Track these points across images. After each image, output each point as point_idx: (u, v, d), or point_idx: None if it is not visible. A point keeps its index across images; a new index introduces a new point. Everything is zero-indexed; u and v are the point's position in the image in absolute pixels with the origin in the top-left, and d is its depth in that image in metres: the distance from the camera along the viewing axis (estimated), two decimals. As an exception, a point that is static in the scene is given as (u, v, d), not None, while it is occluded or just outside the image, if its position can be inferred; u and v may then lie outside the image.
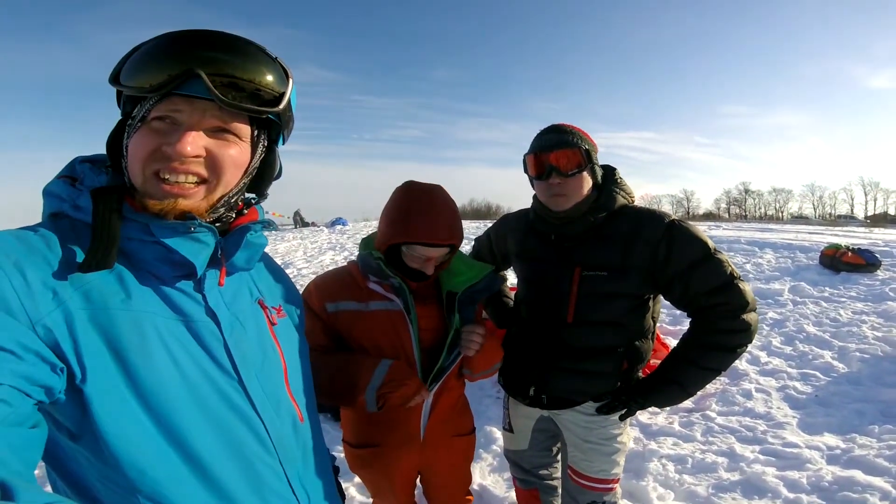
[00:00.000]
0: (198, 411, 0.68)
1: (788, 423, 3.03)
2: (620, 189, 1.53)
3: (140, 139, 0.68)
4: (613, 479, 1.59)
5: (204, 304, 0.74)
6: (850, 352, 3.92)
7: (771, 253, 7.34)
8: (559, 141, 1.44)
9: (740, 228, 11.86)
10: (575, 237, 1.51)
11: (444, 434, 1.48)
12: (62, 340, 0.58)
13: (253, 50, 0.73)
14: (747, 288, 1.39)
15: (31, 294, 0.57)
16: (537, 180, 1.50)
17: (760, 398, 3.36)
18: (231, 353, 0.74)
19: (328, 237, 13.06)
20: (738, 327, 1.37)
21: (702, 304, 1.41)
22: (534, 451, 1.76)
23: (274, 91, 0.74)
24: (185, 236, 0.69)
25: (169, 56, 0.67)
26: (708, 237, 1.44)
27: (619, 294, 1.47)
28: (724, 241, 8.31)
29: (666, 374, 1.48)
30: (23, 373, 0.53)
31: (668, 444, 2.89)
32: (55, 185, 0.70)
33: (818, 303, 5.15)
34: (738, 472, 2.55)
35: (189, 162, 0.68)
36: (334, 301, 1.36)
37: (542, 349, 1.56)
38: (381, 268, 1.33)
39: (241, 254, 0.78)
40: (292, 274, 8.37)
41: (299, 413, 0.87)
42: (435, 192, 1.36)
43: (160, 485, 0.64)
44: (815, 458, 2.61)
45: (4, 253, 0.58)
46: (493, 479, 2.65)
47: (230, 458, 0.71)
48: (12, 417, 0.51)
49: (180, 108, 0.68)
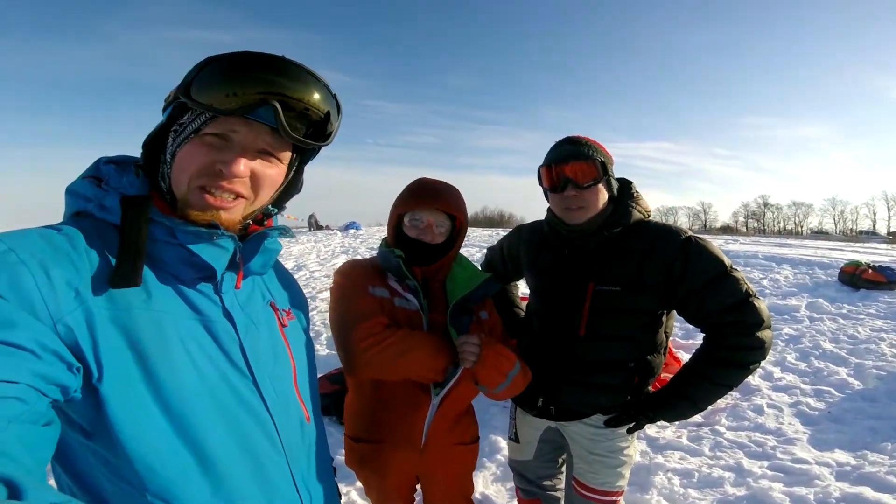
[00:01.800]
0: (213, 410, 0.69)
1: (799, 438, 2.98)
2: (636, 204, 1.52)
3: (193, 151, 0.71)
4: (618, 491, 1.57)
5: (221, 305, 0.76)
6: (866, 369, 3.84)
7: (789, 269, 7.22)
8: (575, 153, 1.43)
9: (758, 243, 11.67)
10: (589, 251, 1.50)
11: (446, 441, 1.47)
12: (82, 339, 0.59)
13: (320, 85, 0.75)
14: (762, 305, 1.37)
15: (54, 293, 0.58)
16: (552, 193, 1.49)
17: (772, 414, 3.30)
18: (246, 354, 0.76)
19: (341, 241, 13.17)
20: (751, 344, 1.35)
21: (716, 322, 1.40)
22: (539, 462, 1.75)
23: (330, 126, 0.79)
24: (207, 242, 0.71)
25: (246, 81, 0.69)
26: (724, 254, 1.43)
27: (632, 309, 1.46)
28: (742, 256, 8.21)
29: (677, 388, 1.47)
30: (40, 372, 0.54)
31: (675, 458, 2.85)
32: (80, 185, 0.71)
33: (836, 319, 5.05)
34: (744, 488, 2.51)
35: (236, 182, 0.72)
36: (374, 286, 1.40)
37: (553, 361, 1.55)
38: (401, 266, 1.36)
39: (258, 259, 0.81)
40: (305, 276, 8.46)
41: (306, 413, 0.88)
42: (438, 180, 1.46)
43: (170, 482, 0.65)
44: (823, 475, 2.57)
45: (30, 252, 0.59)
46: (496, 489, 2.64)
47: (241, 457, 0.72)
48: (27, 415, 0.52)
49: (237, 129, 0.71)
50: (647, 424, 1.56)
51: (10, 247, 0.58)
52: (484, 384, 1.37)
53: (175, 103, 0.72)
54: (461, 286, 1.44)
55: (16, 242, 0.59)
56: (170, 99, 0.73)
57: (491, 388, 1.37)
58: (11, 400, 0.50)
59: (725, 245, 10.02)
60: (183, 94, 0.69)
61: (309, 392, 0.92)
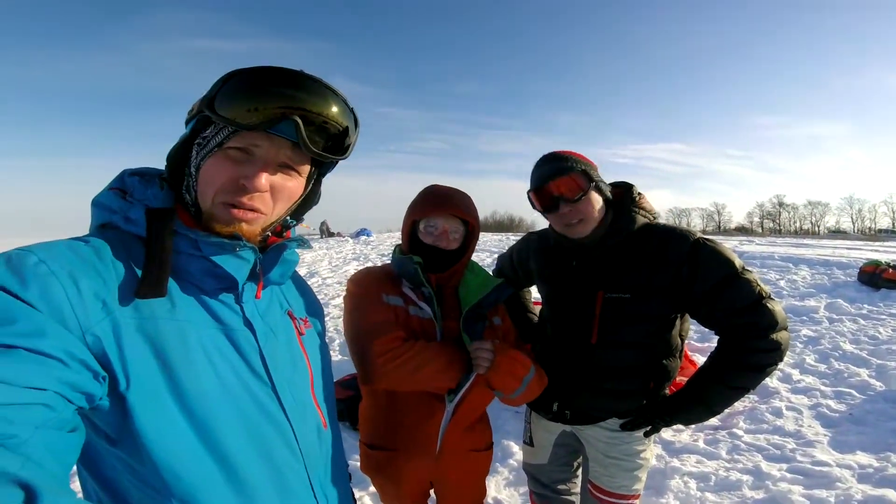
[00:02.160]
0: (234, 417, 0.71)
1: (819, 441, 2.91)
2: (640, 208, 1.51)
3: (217, 165, 0.73)
4: (634, 495, 1.56)
5: (241, 314, 0.77)
6: (888, 370, 3.73)
7: (806, 269, 7.07)
8: (555, 170, 1.42)
9: (774, 244, 11.46)
10: (596, 261, 1.50)
11: (460, 448, 1.47)
12: (109, 349, 0.61)
13: (338, 99, 0.77)
14: (777, 307, 1.35)
15: (83, 303, 0.60)
16: (547, 214, 1.50)
17: (791, 416, 3.24)
18: (266, 362, 0.78)
19: (353, 248, 13.23)
20: (766, 346, 1.33)
21: (729, 325, 1.38)
22: (554, 466, 1.75)
23: (348, 139, 0.81)
24: (230, 253, 0.73)
25: (268, 96, 0.71)
26: (735, 255, 1.41)
27: (643, 315, 1.45)
28: (757, 257, 8.06)
29: (692, 392, 1.45)
30: (67, 380, 0.55)
31: (692, 462, 2.81)
32: (105, 197, 0.73)
33: (856, 320, 4.93)
34: (763, 491, 2.47)
35: (255, 198, 0.74)
36: (388, 294, 1.41)
37: (568, 367, 1.55)
38: (418, 272, 1.37)
39: (277, 269, 0.83)
40: (317, 283, 8.52)
41: (323, 420, 0.90)
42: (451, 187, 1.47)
43: (195, 488, 0.66)
44: (845, 477, 2.51)
45: (60, 263, 0.60)
46: (509, 494, 2.63)
47: (261, 463, 0.74)
48: (54, 421, 0.53)
49: (259, 144, 0.73)
50: (664, 428, 1.54)
51: (42, 258, 0.60)
52: (499, 389, 1.37)
53: (198, 116, 0.74)
54: (474, 292, 1.45)
55: (46, 254, 0.61)
56: (193, 112, 0.75)
57: (506, 393, 1.37)
58: (39, 406, 0.52)
59: (740, 246, 9.86)
60: (207, 107, 0.70)
61: (325, 399, 0.94)
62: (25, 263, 0.58)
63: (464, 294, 1.46)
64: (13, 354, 0.52)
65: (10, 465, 0.45)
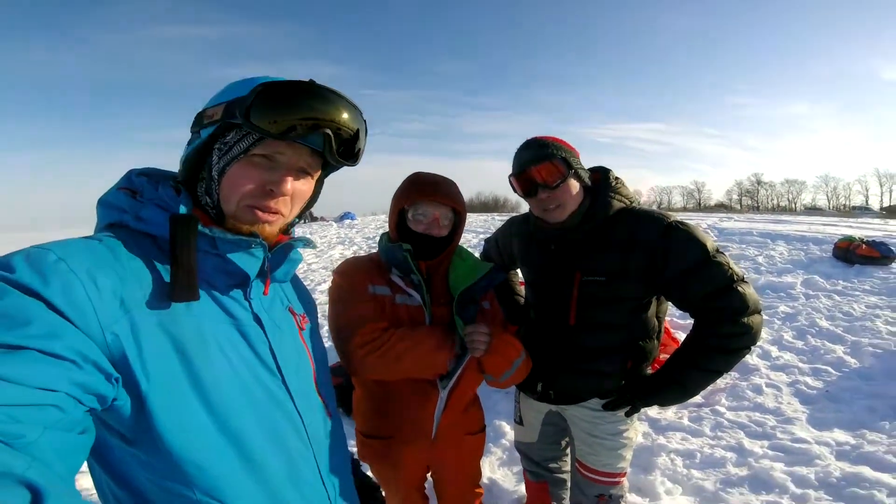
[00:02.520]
0: (249, 408, 0.74)
1: (798, 418, 3.02)
2: (616, 193, 1.53)
3: (243, 172, 0.76)
4: (620, 472, 1.61)
5: (250, 310, 0.80)
6: (862, 346, 3.87)
7: (784, 245, 7.24)
8: (536, 156, 1.44)
9: (753, 220, 11.69)
10: (573, 244, 1.53)
11: (455, 432, 1.50)
12: (128, 347, 0.62)
13: (358, 114, 0.83)
14: (749, 290, 1.37)
15: (102, 302, 0.60)
16: (527, 198, 1.52)
17: (770, 393, 3.35)
18: (275, 355, 0.81)
19: (337, 231, 13.11)
20: (738, 331, 1.35)
21: (701, 307, 1.41)
22: (543, 444, 1.80)
23: (359, 146, 0.86)
24: (244, 251, 0.76)
25: (303, 110, 0.75)
26: (710, 238, 1.43)
27: (618, 298, 1.48)
28: (737, 234, 8.22)
29: (668, 374, 1.49)
30: (79, 381, 0.55)
31: (677, 439, 2.91)
32: (114, 197, 0.74)
33: (831, 296, 5.09)
34: (745, 468, 2.56)
35: (279, 201, 0.79)
36: (374, 284, 1.41)
37: (549, 349, 1.59)
38: (408, 259, 1.36)
39: (283, 268, 0.87)
40: (302, 268, 8.44)
41: (327, 410, 0.94)
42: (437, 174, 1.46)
43: (217, 479, 0.68)
44: (823, 454, 2.61)
45: (78, 261, 0.61)
46: (503, 473, 2.69)
47: (275, 452, 0.76)
48: (63, 423, 0.54)
49: (283, 151, 0.77)
50: (644, 408, 1.59)
51: (60, 256, 0.60)
52: (490, 373, 1.40)
53: (222, 122, 0.75)
54: (463, 276, 1.45)
55: (64, 252, 0.61)
56: (215, 117, 0.76)
57: (497, 376, 1.40)
58: (49, 407, 0.52)
59: (720, 223, 10.03)
60: (242, 116, 0.72)
61: (326, 390, 0.97)
62: (45, 261, 0.58)
63: (453, 279, 1.46)
64: (25, 355, 0.52)
65: (16, 465, 0.45)
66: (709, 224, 9.65)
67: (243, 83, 0.76)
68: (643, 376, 1.57)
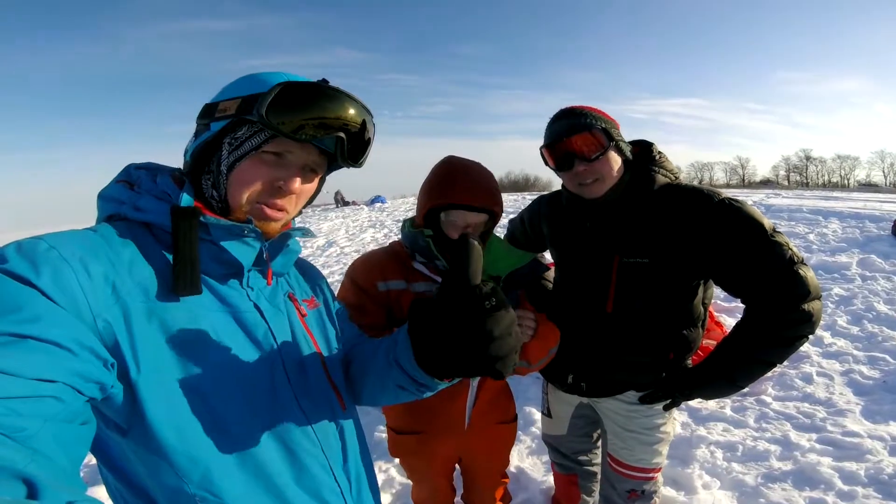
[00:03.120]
0: (244, 399, 0.72)
1: (851, 410, 2.83)
2: (661, 167, 1.41)
3: (254, 169, 0.76)
4: (655, 468, 1.54)
5: (248, 298, 0.79)
6: (926, 333, 3.59)
7: (837, 222, 6.80)
8: (574, 125, 1.32)
9: (802, 196, 11.04)
10: (612, 223, 1.41)
11: (488, 421, 1.48)
12: (120, 334, 0.61)
13: (370, 118, 0.84)
14: (810, 274, 1.25)
15: (94, 289, 0.60)
16: (560, 172, 1.40)
17: (822, 383, 3.16)
18: (276, 344, 0.79)
19: (368, 215, 13.26)
20: (797, 318, 1.23)
21: (756, 292, 1.29)
22: (573, 437, 1.73)
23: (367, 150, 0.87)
24: (237, 239, 0.76)
25: (320, 112, 0.76)
26: (765, 217, 1.30)
27: (663, 282, 1.37)
28: (785, 210, 7.80)
29: (715, 365, 1.37)
30: (77, 370, 0.55)
31: (718, 430, 2.78)
32: (113, 189, 0.75)
33: (890, 278, 4.74)
34: (790, 462, 2.42)
35: (286, 199, 0.79)
36: (385, 280, 1.37)
37: (582, 338, 1.49)
38: (430, 247, 1.32)
39: (280, 259, 0.86)
40: (336, 252, 8.58)
41: (340, 400, 0.90)
42: (473, 163, 1.37)
43: (211, 472, 0.66)
44: (876, 449, 2.44)
45: (70, 250, 0.61)
46: (531, 462, 2.65)
47: (275, 446, 0.74)
48: (64, 414, 0.53)
49: (293, 150, 0.78)
50: (684, 402, 1.49)
51: (52, 245, 0.60)
52: (527, 359, 1.34)
53: (235, 118, 0.75)
54: (504, 259, 1.39)
55: (56, 241, 0.61)
56: (228, 111, 0.75)
57: (533, 362, 1.35)
58: (49, 399, 0.51)
59: (766, 200, 9.52)
60: (260, 112, 0.72)
61: (342, 378, 0.94)
62: (37, 250, 0.59)
63: (490, 260, 1.39)
64: (22, 344, 0.51)
65: (17, 459, 0.45)
66: (755, 200, 9.19)
67: (255, 79, 0.76)
68: (685, 368, 1.46)
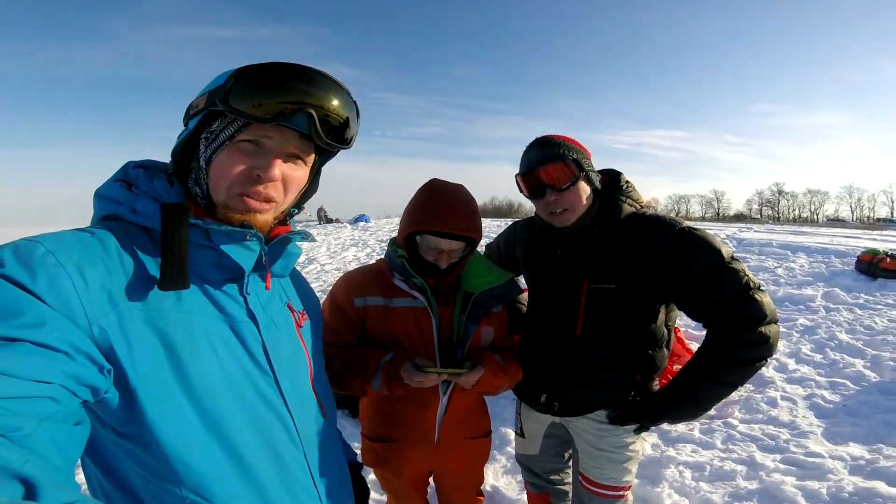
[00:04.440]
0: (238, 406, 0.73)
1: (813, 432, 2.94)
2: (627, 196, 1.48)
3: (230, 158, 0.74)
4: (624, 486, 1.56)
5: (245, 306, 0.79)
6: (883, 361, 3.76)
7: (804, 257, 7.07)
8: (547, 156, 1.38)
9: (773, 231, 11.44)
10: (581, 250, 1.47)
11: (458, 435, 1.49)
12: (116, 341, 0.61)
13: (344, 93, 0.79)
14: (766, 299, 1.32)
15: (90, 296, 0.60)
16: (533, 199, 1.47)
17: (786, 406, 3.27)
18: (268, 353, 0.79)
19: (351, 234, 13.20)
20: (755, 340, 1.29)
21: (716, 316, 1.35)
22: (545, 457, 1.75)
23: (349, 130, 0.83)
24: (238, 243, 0.75)
25: (283, 91, 0.72)
26: (723, 244, 1.38)
27: (628, 306, 1.43)
28: (756, 245, 8.06)
29: (679, 388, 1.43)
30: (72, 373, 0.55)
31: (687, 451, 2.84)
32: (110, 189, 0.73)
33: (852, 310, 4.96)
34: (756, 481, 2.49)
35: (270, 187, 0.76)
36: (363, 296, 1.40)
37: (553, 359, 1.54)
38: (405, 266, 1.36)
39: (280, 262, 0.85)
40: (316, 269, 8.52)
41: (322, 409, 0.92)
42: (454, 188, 1.40)
43: (204, 477, 0.68)
44: (837, 469, 2.53)
45: (67, 255, 0.60)
46: (506, 481, 2.66)
47: (264, 451, 0.76)
48: (59, 414, 0.54)
49: (270, 135, 0.75)
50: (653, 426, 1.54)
51: (49, 249, 0.59)
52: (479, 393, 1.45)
53: (206, 111, 0.74)
54: (482, 276, 1.44)
55: (53, 245, 0.61)
56: (200, 107, 0.75)
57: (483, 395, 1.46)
58: (45, 399, 0.52)
59: (739, 233, 9.84)
60: (221, 101, 0.71)
61: (322, 388, 0.96)
62: (33, 254, 0.58)
63: (467, 275, 1.45)
64: (19, 347, 0.52)
65: (13, 458, 0.45)
66: (728, 234, 9.49)
67: (226, 72, 0.74)
68: (652, 392, 1.51)
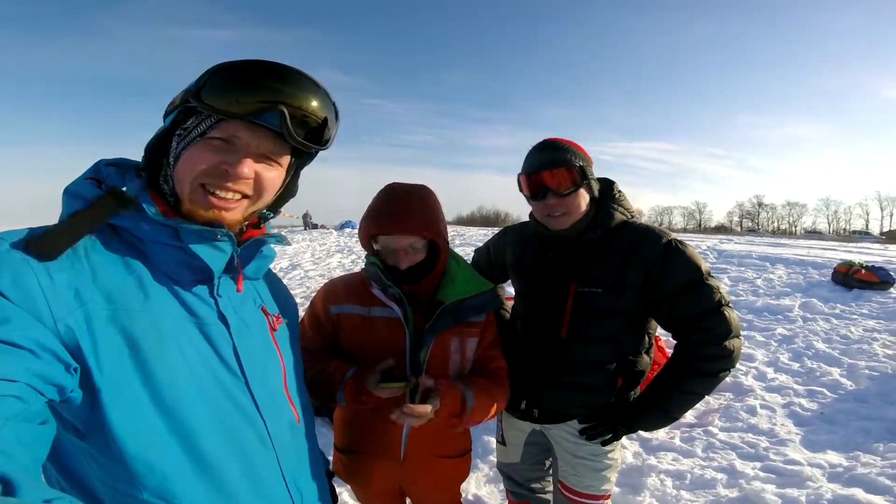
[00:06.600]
0: (206, 410, 0.71)
1: (791, 440, 2.98)
2: (619, 205, 1.51)
3: (198, 154, 0.73)
4: (603, 494, 1.56)
5: (216, 308, 0.77)
6: (859, 369, 3.85)
7: (783, 269, 7.23)
8: (553, 160, 1.40)
9: (752, 243, 11.68)
10: (572, 254, 1.49)
11: (427, 453, 1.41)
12: (82, 340, 0.60)
13: (321, 92, 0.78)
14: (733, 315, 1.38)
15: (56, 293, 0.59)
16: (533, 200, 1.48)
17: (765, 414, 3.31)
18: (239, 356, 0.78)
19: (337, 240, 13.14)
20: (719, 353, 1.36)
21: (686, 328, 1.41)
22: (526, 465, 1.74)
23: (328, 131, 0.82)
24: (208, 243, 0.73)
25: (255, 88, 0.72)
26: (703, 261, 1.42)
27: (613, 311, 1.45)
28: (735, 256, 8.20)
29: (649, 398, 1.47)
30: (38, 371, 0.54)
31: (668, 460, 2.85)
32: (80, 186, 0.71)
33: (829, 319, 5.07)
34: (736, 489, 2.51)
35: (241, 183, 0.75)
36: (339, 304, 1.38)
37: (536, 364, 1.54)
38: (379, 275, 1.32)
39: (254, 264, 0.84)
40: (300, 275, 8.43)
41: (296, 415, 0.90)
42: (407, 188, 1.36)
43: (167, 480, 0.66)
44: (815, 476, 2.57)
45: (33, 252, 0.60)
46: (488, 490, 2.63)
47: (233, 456, 0.74)
48: (25, 414, 0.53)
49: (241, 134, 0.74)
50: (625, 435, 1.55)
51: (13, 246, 0.59)
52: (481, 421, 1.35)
53: (180, 108, 0.73)
54: (458, 286, 1.38)
55: (17, 242, 0.60)
56: (176, 104, 0.74)
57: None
58: (10, 398, 0.51)
59: (720, 245, 10.02)
60: (193, 97, 0.70)
61: (298, 394, 0.93)
62: None
63: (444, 289, 1.39)
64: None
65: None
66: (709, 246, 9.64)
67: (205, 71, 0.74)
68: (624, 401, 1.52)
